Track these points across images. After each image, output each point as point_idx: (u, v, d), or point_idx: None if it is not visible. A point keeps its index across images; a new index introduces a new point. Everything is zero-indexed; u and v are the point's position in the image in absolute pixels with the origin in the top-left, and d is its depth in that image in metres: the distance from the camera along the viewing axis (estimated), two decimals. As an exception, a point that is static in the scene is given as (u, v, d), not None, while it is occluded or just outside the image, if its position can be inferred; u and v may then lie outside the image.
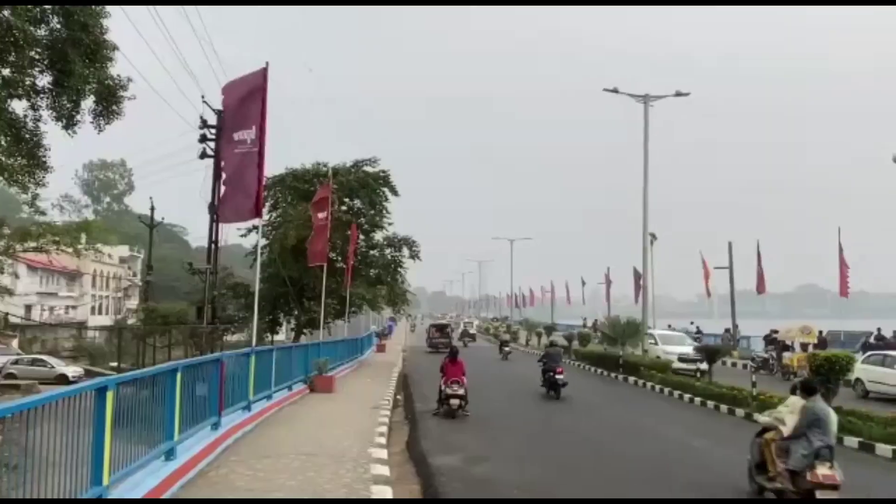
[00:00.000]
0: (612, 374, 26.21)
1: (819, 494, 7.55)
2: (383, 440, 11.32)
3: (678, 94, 26.93)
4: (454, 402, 15.36)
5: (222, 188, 12.44)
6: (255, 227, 23.05)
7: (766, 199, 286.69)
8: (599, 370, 28.16)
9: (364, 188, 28.13)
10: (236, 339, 30.71)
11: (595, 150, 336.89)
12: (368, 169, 28.64)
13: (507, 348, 36.89)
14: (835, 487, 7.56)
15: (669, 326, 44.18)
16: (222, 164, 12.32)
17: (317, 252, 20.32)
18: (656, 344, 28.54)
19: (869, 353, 22.84)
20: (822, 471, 7.60)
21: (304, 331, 28.68)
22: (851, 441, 12.69)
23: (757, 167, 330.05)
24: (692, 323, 43.44)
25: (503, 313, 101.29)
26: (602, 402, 19.42)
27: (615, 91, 26.77)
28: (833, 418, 8.22)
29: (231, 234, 34.83)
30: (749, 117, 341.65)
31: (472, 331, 55.95)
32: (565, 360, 33.86)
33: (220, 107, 22.76)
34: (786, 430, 8.29)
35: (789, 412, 8.49)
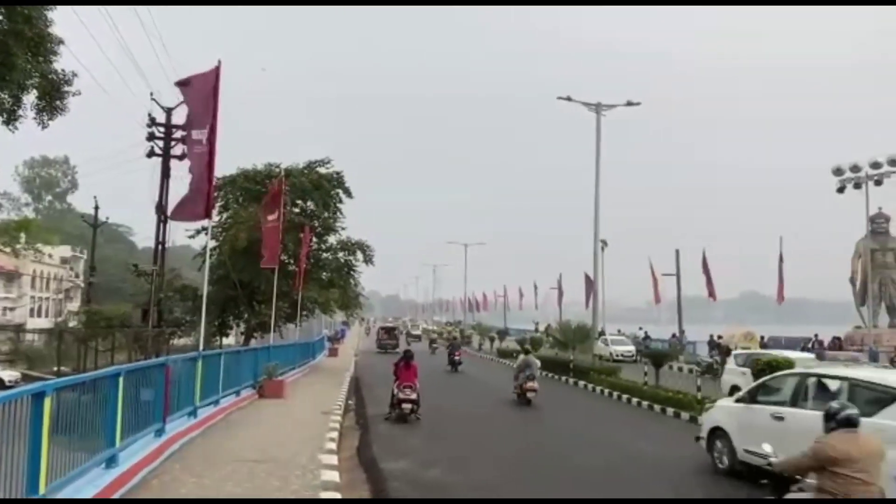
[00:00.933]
0: (563, 378, 26.52)
1: (528, 394, 18.80)
2: (333, 445, 11.20)
3: (629, 104, 27.47)
4: (406, 406, 15.30)
5: (186, 188, 12.10)
6: (205, 229, 22.59)
7: (712, 208, 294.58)
8: (550, 374, 28.43)
9: (317, 190, 27.82)
10: (183, 342, 29.93)
11: (551, 155, 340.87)
12: (322, 170, 28.36)
13: (434, 345, 44.94)
14: (533, 390, 18.86)
15: (619, 331, 45.14)
16: (189, 164, 12.01)
17: (268, 254, 20.01)
18: (608, 345, 35.60)
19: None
20: (529, 384, 18.80)
21: (255, 334, 28.19)
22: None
23: (705, 176, 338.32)
24: (640, 328, 44.38)
25: (457, 317, 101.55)
26: (553, 405, 19.57)
27: (568, 99, 27.14)
28: (535, 362, 19.96)
29: (179, 235, 34.05)
30: (701, 125, 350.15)
31: (416, 332, 67.36)
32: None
33: (168, 104, 22.29)
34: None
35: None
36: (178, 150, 21.96)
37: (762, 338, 29.62)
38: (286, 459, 9.60)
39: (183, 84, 12.37)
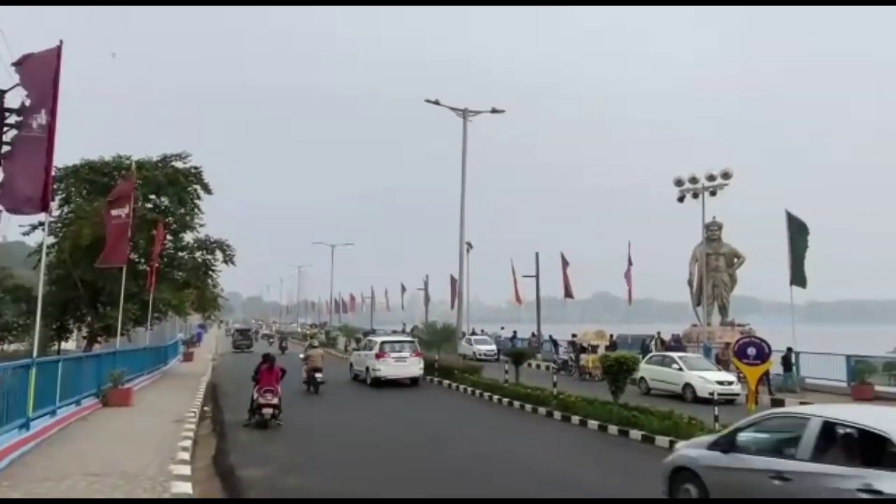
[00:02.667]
0: (427, 378, 26.81)
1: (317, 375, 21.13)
2: (186, 455, 10.61)
3: (494, 111, 28.37)
4: (267, 411, 14.82)
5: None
6: (41, 224, 20.63)
7: (568, 211, 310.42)
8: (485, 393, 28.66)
9: (173, 185, 26.23)
10: (14, 348, 27.12)
11: (418, 157, 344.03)
12: (178, 164, 26.80)
13: (284, 344, 48.15)
14: (316, 369, 21.42)
15: (482, 331, 46.45)
16: (22, 150, 10.79)
17: (113, 251, 18.60)
18: (471, 344, 37.51)
19: (651, 354, 25.66)
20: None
21: (99, 339, 26.09)
22: (636, 434, 14.09)
23: (565, 181, 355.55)
24: (502, 328, 45.92)
25: (322, 319, 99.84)
26: (416, 404, 19.78)
27: (436, 103, 27.57)
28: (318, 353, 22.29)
29: (11, 230, 30.76)
30: (565, 132, 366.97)
31: (267, 331, 72.66)
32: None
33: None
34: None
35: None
36: (10, 136, 19.81)
37: (611, 336, 31.68)
38: (133, 472, 8.97)
39: (18, 64, 11.22)
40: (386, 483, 9.88)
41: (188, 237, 27.80)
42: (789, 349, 22.40)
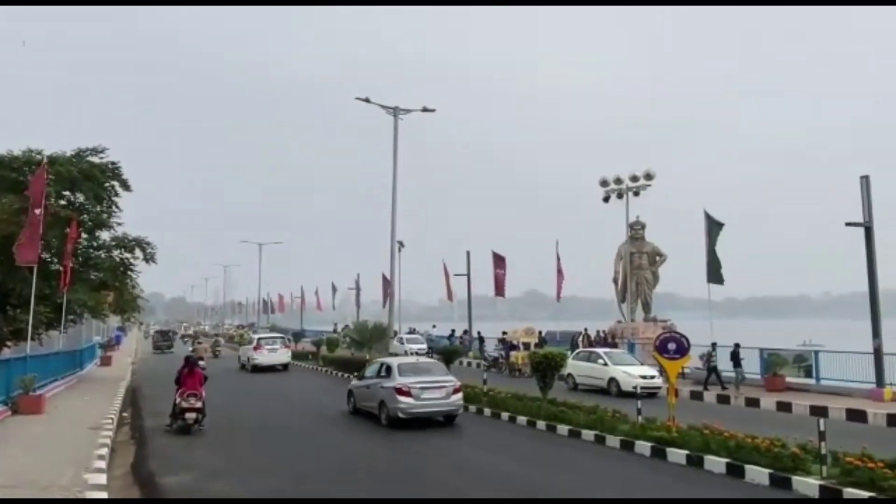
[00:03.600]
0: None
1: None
2: (103, 464, 10.17)
3: (425, 110, 28.29)
4: (190, 415, 14.37)
5: None
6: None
7: (502, 211, 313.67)
8: (346, 374, 28.44)
9: (88, 181, 24.99)
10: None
11: (349, 155, 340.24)
12: (94, 159, 25.56)
13: (165, 342, 50.45)
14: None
15: (413, 330, 46.46)
16: None
17: (25, 251, 17.61)
18: (403, 343, 37.34)
19: (578, 350, 26.28)
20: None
21: (8, 343, 24.60)
22: (563, 429, 14.40)
23: (496, 180, 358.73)
24: (434, 326, 46.10)
25: (250, 320, 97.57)
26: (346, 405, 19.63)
27: (366, 101, 27.29)
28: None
29: None
30: (494, 131, 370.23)
31: (189, 332, 74.38)
32: (311, 365, 33.89)
33: None
34: None
35: None
36: None
37: (540, 333, 32.27)
38: (44, 482, 8.52)
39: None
40: (315, 488, 9.74)
41: (105, 235, 26.58)
42: (737, 345, 22.21)
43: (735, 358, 21.82)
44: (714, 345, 22.43)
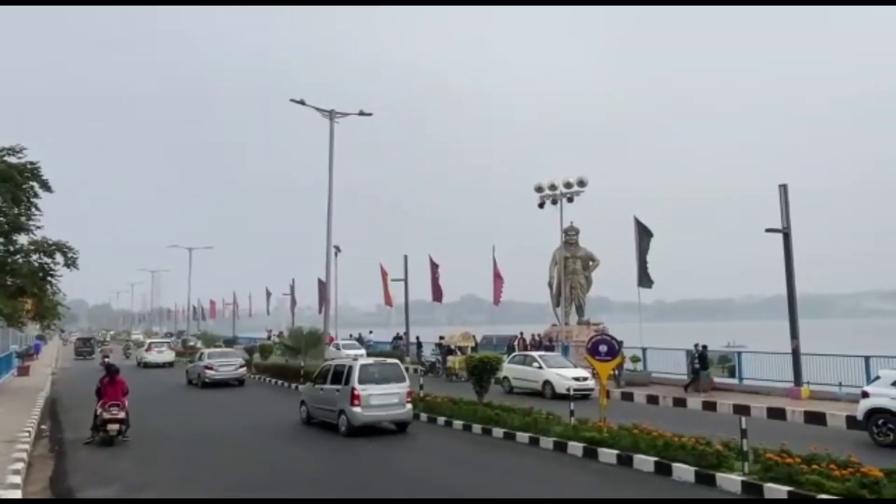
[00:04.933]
0: (293, 386, 26.18)
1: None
2: (18, 479, 9.64)
3: (362, 114, 28.12)
4: (113, 427, 13.78)
5: None
6: None
7: (439, 213, 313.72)
8: (281, 382, 27.92)
9: (5, 182, 23.71)
10: None
11: (286, 159, 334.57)
12: (11, 159, 24.27)
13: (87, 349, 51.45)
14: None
15: (350, 336, 46.02)
16: None
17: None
18: (339, 349, 34.29)
19: (513, 354, 26.57)
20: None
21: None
22: (498, 432, 14.51)
23: (437, 183, 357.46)
24: (371, 332, 45.75)
25: (180, 327, 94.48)
26: (281, 413, 19.22)
27: (302, 103, 26.89)
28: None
29: None
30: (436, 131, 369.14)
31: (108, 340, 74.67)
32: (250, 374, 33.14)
33: None
34: None
35: None
36: None
37: (473, 337, 32.49)
38: (-51, 502, 8.00)
39: None
40: (245, 497, 9.49)
41: (22, 239, 25.25)
42: (704, 347, 21.89)
43: (703, 360, 21.42)
44: (702, 347, 21.86)
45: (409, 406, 15.18)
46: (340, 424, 14.73)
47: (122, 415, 13.88)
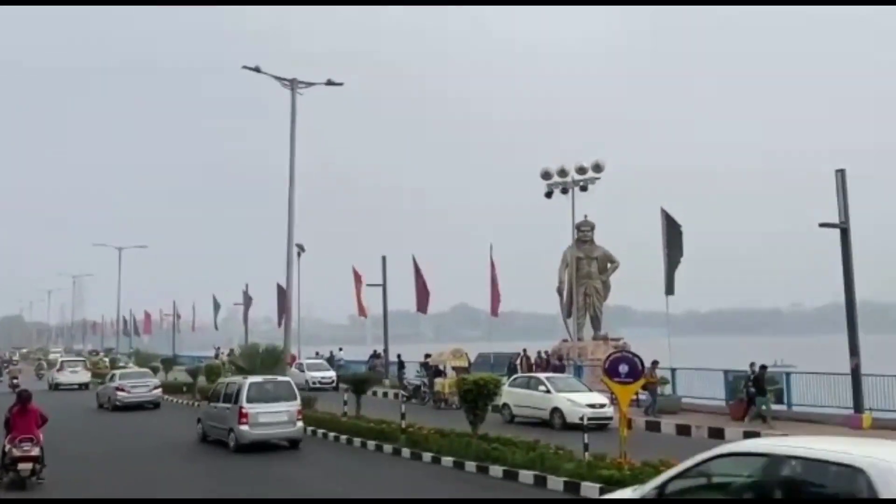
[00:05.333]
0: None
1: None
2: None
3: (330, 83, 28.00)
4: (25, 466, 13.60)
5: None
6: None
7: (418, 215, 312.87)
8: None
9: None
10: None
11: (234, 146, 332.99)
12: None
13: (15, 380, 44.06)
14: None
15: (317, 354, 45.90)
16: None
17: None
18: (303, 371, 37.04)
19: (515, 375, 26.57)
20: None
21: None
22: (496, 470, 14.49)
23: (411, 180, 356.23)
24: (340, 349, 45.65)
25: (108, 343, 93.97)
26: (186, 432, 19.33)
27: (257, 70, 26.77)
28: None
29: None
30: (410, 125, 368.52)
31: (16, 358, 72.76)
32: (186, 400, 32.98)
33: None
34: None
35: None
36: None
37: (467, 355, 32.45)
38: None
39: None
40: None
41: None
42: (763, 367, 21.54)
43: (758, 384, 20.90)
44: (760, 367, 21.47)
45: (301, 424, 18.53)
46: (230, 441, 17.93)
47: (35, 451, 13.71)
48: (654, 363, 23.29)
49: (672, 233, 26.76)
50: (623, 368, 13.63)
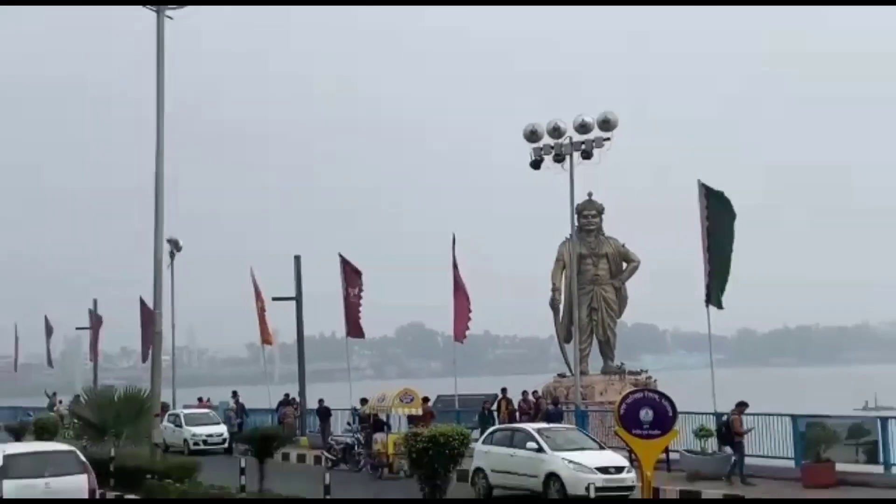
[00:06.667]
0: (100, 491, 25.73)
1: None
2: None
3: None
4: None
5: None
6: None
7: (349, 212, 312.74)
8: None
9: None
10: None
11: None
12: None
13: None
14: None
15: (202, 400, 45.52)
16: None
17: None
18: (181, 426, 37.50)
19: (492, 428, 26.46)
20: None
21: None
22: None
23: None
24: (234, 393, 45.08)
25: None
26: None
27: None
28: None
29: None
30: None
31: None
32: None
33: None
34: None
35: None
36: None
37: (426, 399, 32.25)
38: None
39: None
40: None
41: None
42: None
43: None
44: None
45: None
46: None
47: None
48: (741, 405, 23.31)
49: (717, 215, 26.64)
50: (646, 415, 13.66)
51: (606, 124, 30.88)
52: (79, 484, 19.63)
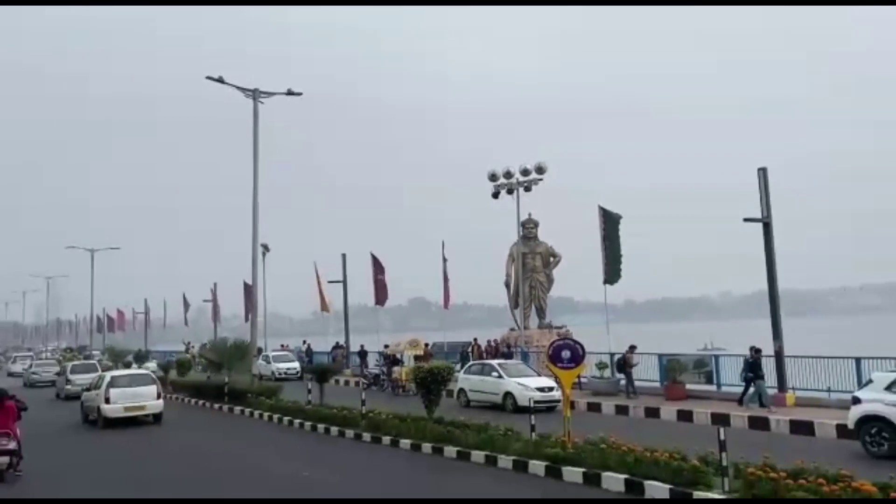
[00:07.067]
0: (217, 405, 25.63)
1: None
2: None
3: (290, 93, 27.67)
4: (2, 460, 13.22)
5: None
6: None
7: (381, 213, 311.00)
8: (202, 401, 27.27)
9: None
10: None
11: (202, 148, 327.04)
12: None
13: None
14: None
15: (283, 346, 45.39)
16: None
17: None
18: (269, 363, 37.76)
19: (470, 363, 26.55)
20: None
21: None
22: (451, 451, 14.39)
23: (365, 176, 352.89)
24: (304, 341, 45.13)
25: (82, 341, 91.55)
26: (202, 437, 18.82)
27: (220, 81, 26.30)
28: None
29: None
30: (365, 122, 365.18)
31: None
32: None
33: None
34: None
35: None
36: None
37: (426, 344, 32.36)
38: None
39: None
40: None
41: None
42: (758, 351, 19.84)
43: (755, 368, 19.47)
44: (756, 351, 19.96)
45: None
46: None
47: (12, 445, 13.33)
48: (632, 348, 23.48)
49: (610, 226, 27.00)
50: (565, 354, 13.63)
51: (540, 170, 30.97)
52: (152, 390, 21.40)
